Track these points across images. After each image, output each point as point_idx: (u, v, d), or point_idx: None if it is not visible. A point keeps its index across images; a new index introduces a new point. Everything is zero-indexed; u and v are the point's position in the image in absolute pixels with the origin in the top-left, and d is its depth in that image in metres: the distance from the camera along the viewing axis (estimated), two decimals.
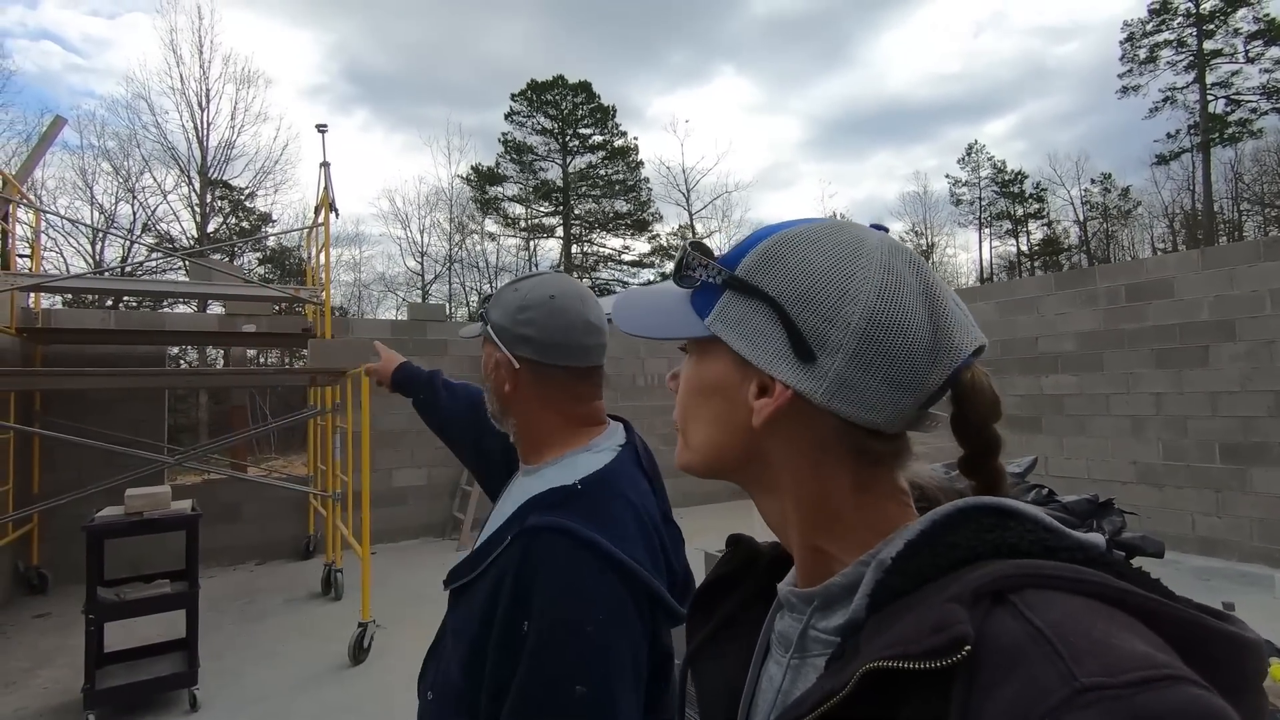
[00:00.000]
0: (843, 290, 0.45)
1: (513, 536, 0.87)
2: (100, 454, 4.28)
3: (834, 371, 0.45)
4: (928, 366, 0.45)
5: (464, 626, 0.89)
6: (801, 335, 0.46)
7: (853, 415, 0.46)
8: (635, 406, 8.77)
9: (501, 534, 0.90)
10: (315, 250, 6.85)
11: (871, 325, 0.44)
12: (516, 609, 0.81)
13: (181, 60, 19.85)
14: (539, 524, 0.85)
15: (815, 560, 0.49)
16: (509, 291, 1.03)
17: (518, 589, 0.82)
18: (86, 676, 3.25)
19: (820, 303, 0.45)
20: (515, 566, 0.83)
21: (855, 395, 0.45)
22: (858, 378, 0.45)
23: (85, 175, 18.31)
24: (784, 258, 0.48)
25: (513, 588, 0.82)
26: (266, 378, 9.82)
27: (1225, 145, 25.00)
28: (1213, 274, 5.64)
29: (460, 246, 28.47)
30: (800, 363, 0.46)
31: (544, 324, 0.97)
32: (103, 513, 3.58)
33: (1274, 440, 5.26)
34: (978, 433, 0.48)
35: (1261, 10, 23.27)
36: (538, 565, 0.82)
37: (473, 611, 0.88)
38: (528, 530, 0.85)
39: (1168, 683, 0.31)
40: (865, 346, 0.44)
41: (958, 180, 32.46)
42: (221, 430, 13.27)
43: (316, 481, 6.57)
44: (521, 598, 0.81)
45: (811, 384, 0.45)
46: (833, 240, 0.47)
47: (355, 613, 4.28)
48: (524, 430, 1.02)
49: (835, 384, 0.45)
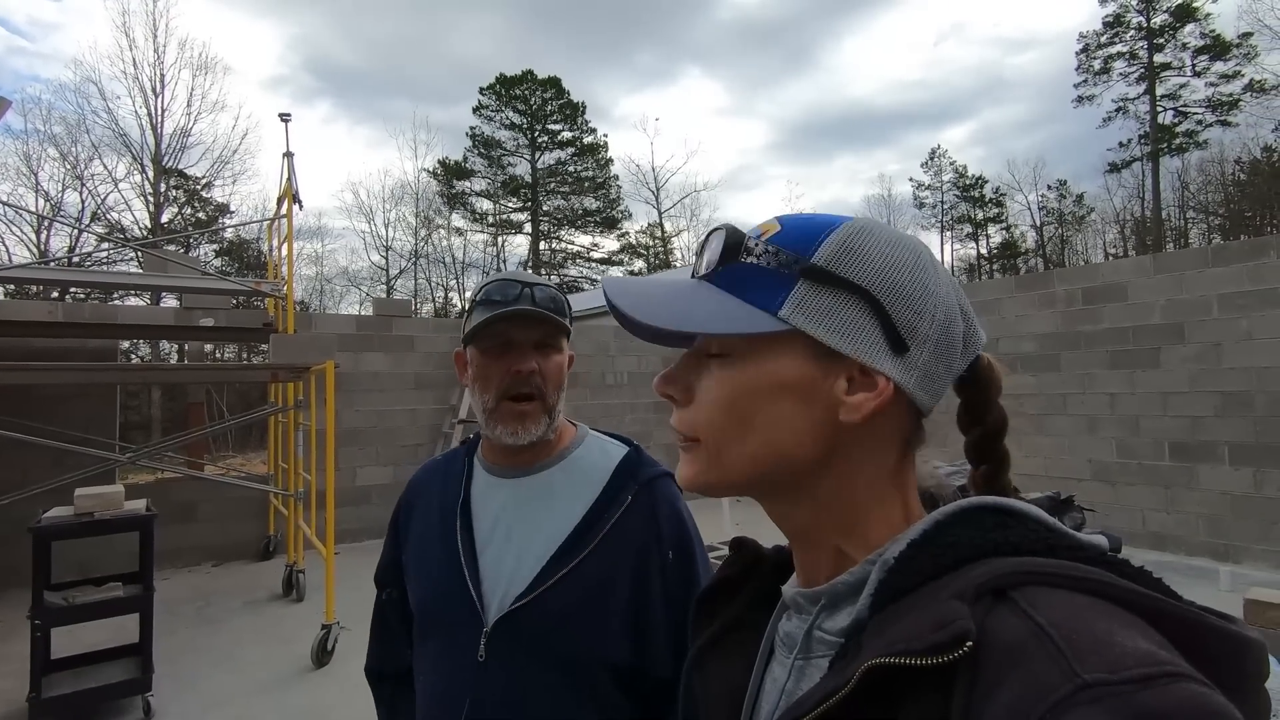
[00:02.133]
0: (924, 284, 0.47)
1: (633, 494, 1.00)
2: (48, 452, 4.11)
3: (922, 363, 0.47)
4: (963, 354, 0.50)
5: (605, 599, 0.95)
6: (896, 327, 0.46)
7: (927, 404, 0.48)
8: (605, 405, 8.76)
9: (613, 498, 1.00)
10: (277, 242, 6.67)
11: (948, 318, 0.48)
12: (662, 543, 0.99)
13: (134, 44, 19.23)
14: (654, 474, 1.03)
15: (838, 562, 0.49)
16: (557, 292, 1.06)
17: (660, 528, 0.99)
18: (32, 685, 3.11)
19: (910, 296, 0.47)
20: (651, 511, 1.00)
21: (932, 385, 0.48)
22: (936, 368, 0.48)
23: (30, 161, 17.58)
24: (866, 250, 0.47)
25: (656, 529, 0.99)
26: (226, 373, 9.55)
27: (1173, 155, 26.02)
28: (1164, 279, 5.86)
29: (426, 241, 28.10)
30: (894, 355, 0.46)
31: None
32: (50, 513, 3.44)
33: (1220, 439, 5.50)
34: (990, 412, 0.52)
35: (1208, 27, 24.27)
36: (670, 504, 1.02)
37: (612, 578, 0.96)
38: (648, 481, 1.02)
39: (1170, 680, 0.31)
40: (944, 338, 0.48)
41: (921, 184, 33.20)
42: (175, 428, 12.86)
43: (277, 480, 6.41)
44: (668, 532, 0.99)
45: (905, 375, 0.46)
46: (894, 235, 0.49)
47: (318, 614, 4.19)
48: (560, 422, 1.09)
49: (921, 375, 0.47)
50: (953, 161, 32.93)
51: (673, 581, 0.97)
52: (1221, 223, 25.27)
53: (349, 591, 5.00)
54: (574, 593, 0.95)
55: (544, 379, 1.01)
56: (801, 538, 0.51)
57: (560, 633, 0.94)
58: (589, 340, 8.83)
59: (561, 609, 0.94)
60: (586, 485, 1.01)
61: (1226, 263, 5.53)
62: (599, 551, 0.96)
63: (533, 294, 1.00)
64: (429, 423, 7.48)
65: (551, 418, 1.02)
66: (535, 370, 1.00)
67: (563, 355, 1.05)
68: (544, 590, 0.94)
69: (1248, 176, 24.49)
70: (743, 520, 6.65)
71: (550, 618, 0.94)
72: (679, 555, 0.99)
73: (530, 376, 1.00)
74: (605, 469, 1.03)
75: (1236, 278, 5.46)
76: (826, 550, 0.49)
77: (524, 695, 0.94)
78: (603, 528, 0.98)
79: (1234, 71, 24.16)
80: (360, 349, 7.16)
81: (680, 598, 0.95)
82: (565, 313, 1.04)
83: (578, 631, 0.94)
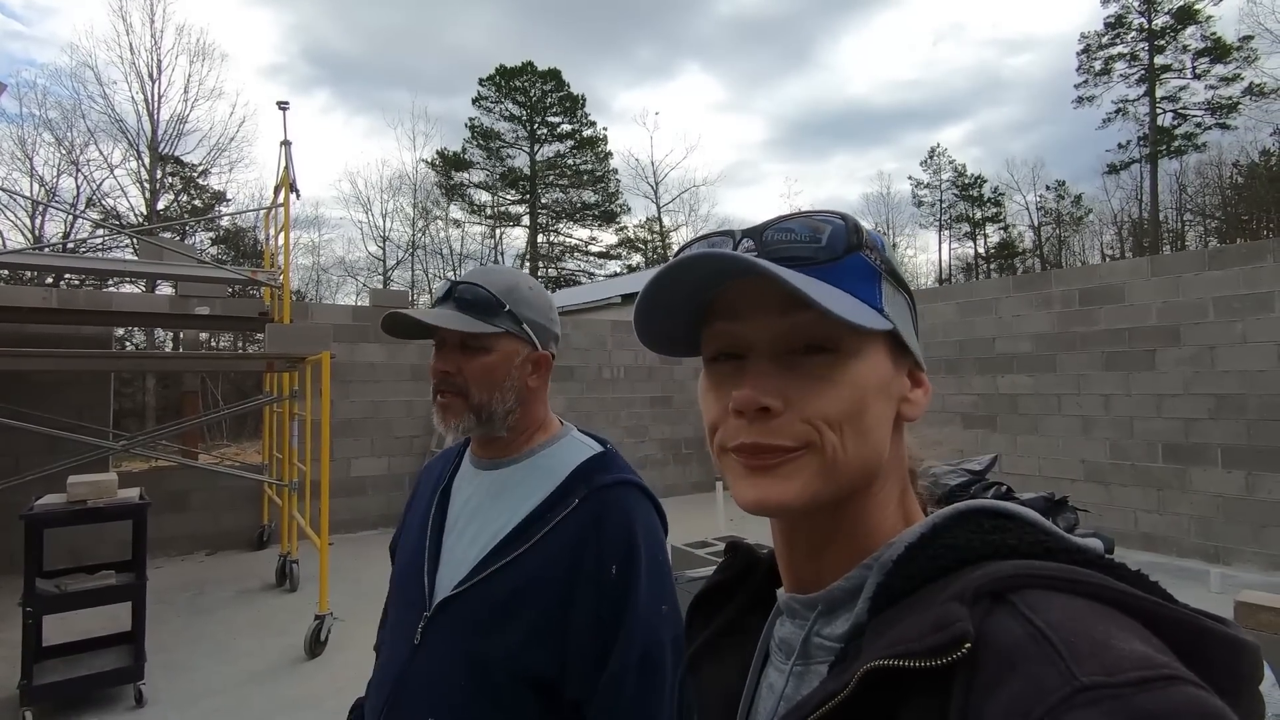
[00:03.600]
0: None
1: (580, 499, 0.95)
2: (41, 439, 4.09)
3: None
4: None
5: (523, 600, 0.92)
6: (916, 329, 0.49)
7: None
8: (601, 399, 8.75)
9: (559, 500, 0.96)
10: (274, 231, 6.64)
11: None
12: (605, 554, 0.92)
13: (131, 29, 18.98)
14: (610, 480, 0.97)
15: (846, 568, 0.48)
16: (525, 290, 1.05)
17: (604, 537, 0.92)
18: (23, 672, 3.11)
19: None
20: (596, 519, 0.94)
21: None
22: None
23: (24, 146, 17.42)
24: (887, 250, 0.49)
25: (598, 538, 0.92)
26: (222, 362, 9.51)
27: (1171, 157, 26.03)
28: (1160, 281, 5.88)
29: (424, 232, 27.97)
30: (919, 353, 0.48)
31: (557, 318, 1.09)
32: (43, 500, 3.43)
33: (1213, 441, 5.52)
34: None
35: (1209, 29, 24.26)
36: (622, 513, 0.94)
37: (535, 581, 0.92)
38: (600, 487, 0.96)
39: (1167, 683, 0.31)
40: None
41: (920, 183, 33.19)
42: (169, 416, 12.81)
43: (272, 470, 6.39)
44: (611, 543, 0.92)
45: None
46: None
47: (311, 605, 4.19)
48: (529, 420, 1.06)
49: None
50: (952, 160, 32.98)
51: (608, 600, 0.90)
52: (1218, 226, 25.32)
53: (342, 582, 5.01)
54: (499, 592, 0.93)
55: (465, 378, 1.00)
56: (821, 545, 0.48)
57: (475, 629, 0.93)
58: (586, 334, 8.81)
59: (482, 606, 0.94)
60: (541, 484, 0.99)
61: (1223, 266, 5.55)
62: (532, 553, 0.93)
63: (455, 293, 1.02)
64: (424, 414, 7.46)
65: (480, 416, 1.01)
66: (449, 371, 1.01)
67: (491, 355, 1.01)
68: (474, 584, 0.95)
69: (1245, 180, 24.52)
70: (736, 517, 6.66)
71: (473, 612, 0.94)
72: (621, 574, 0.91)
73: (446, 376, 1.01)
74: (567, 469, 1.00)
75: (1232, 281, 5.47)
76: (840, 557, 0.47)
77: (436, 688, 0.94)
78: (541, 529, 0.94)
79: (1234, 74, 24.17)
80: (356, 340, 7.14)
81: (611, 620, 0.89)
82: (496, 312, 1.00)
83: (489, 631, 0.92)
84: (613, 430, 8.50)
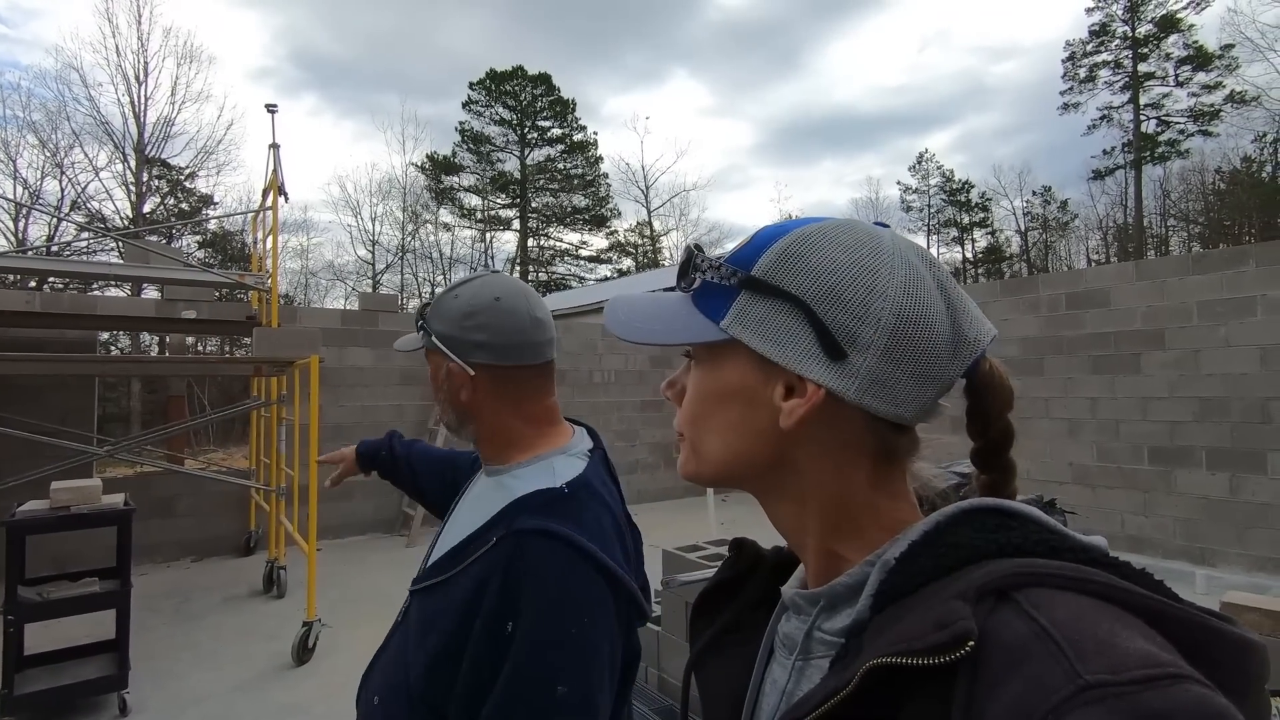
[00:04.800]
0: (870, 287, 0.45)
1: (499, 537, 0.85)
2: (23, 444, 4.03)
3: (865, 369, 0.45)
4: (949, 359, 0.46)
5: (435, 625, 0.87)
6: (831, 333, 0.45)
7: (883, 411, 0.46)
8: (592, 403, 8.73)
9: (485, 533, 0.88)
10: (262, 234, 6.59)
11: (900, 321, 0.45)
12: (504, 609, 0.80)
13: (118, 30, 18.98)
14: (529, 526, 0.84)
15: (829, 563, 0.49)
16: (449, 300, 1.01)
17: (506, 589, 0.81)
18: (4, 681, 3.06)
19: (849, 300, 0.45)
20: (503, 567, 0.83)
21: (885, 391, 0.45)
22: (888, 373, 0.45)
23: (8, 148, 17.21)
24: (805, 256, 0.47)
25: (500, 588, 0.82)
26: (208, 366, 9.41)
27: (1155, 164, 26.38)
28: (1145, 285, 5.94)
29: (414, 236, 27.87)
30: (831, 361, 0.45)
31: (496, 327, 0.98)
32: (25, 506, 3.38)
33: (1197, 444, 5.58)
34: (995, 424, 0.49)
35: (1191, 38, 24.63)
36: (528, 567, 0.82)
37: (448, 609, 0.86)
38: (517, 532, 0.85)
39: (1172, 681, 0.31)
40: (895, 342, 0.45)
41: (908, 188, 33.44)
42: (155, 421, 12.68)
43: (259, 475, 6.33)
44: (509, 598, 0.81)
45: (844, 382, 0.45)
46: (852, 237, 0.47)
47: (299, 611, 4.15)
48: (488, 434, 1.02)
49: (867, 381, 0.45)
50: (939, 166, 33.25)
51: (499, 654, 0.79)
52: (1201, 231, 25.66)
53: (331, 588, 4.97)
54: (428, 607, 0.90)
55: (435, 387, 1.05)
56: (794, 538, 0.52)
57: (413, 634, 0.90)
58: (576, 338, 8.80)
59: (420, 613, 0.91)
60: (490, 507, 0.92)
61: (1206, 271, 5.62)
62: (458, 578, 0.87)
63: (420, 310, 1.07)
64: (415, 419, 7.43)
65: (450, 426, 1.04)
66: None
67: (434, 368, 1.03)
68: (423, 588, 0.94)
69: (1227, 186, 24.88)
70: (727, 520, 6.67)
71: (417, 615, 0.92)
72: (524, 637, 0.79)
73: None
74: (509, 499, 0.91)
75: (1216, 286, 5.55)
76: (816, 551, 0.49)
77: (386, 672, 0.93)
78: (466, 558, 0.88)
79: (1215, 82, 24.51)
80: (345, 344, 7.09)
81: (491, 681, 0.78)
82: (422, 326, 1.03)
83: (418, 643, 0.88)
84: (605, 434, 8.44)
